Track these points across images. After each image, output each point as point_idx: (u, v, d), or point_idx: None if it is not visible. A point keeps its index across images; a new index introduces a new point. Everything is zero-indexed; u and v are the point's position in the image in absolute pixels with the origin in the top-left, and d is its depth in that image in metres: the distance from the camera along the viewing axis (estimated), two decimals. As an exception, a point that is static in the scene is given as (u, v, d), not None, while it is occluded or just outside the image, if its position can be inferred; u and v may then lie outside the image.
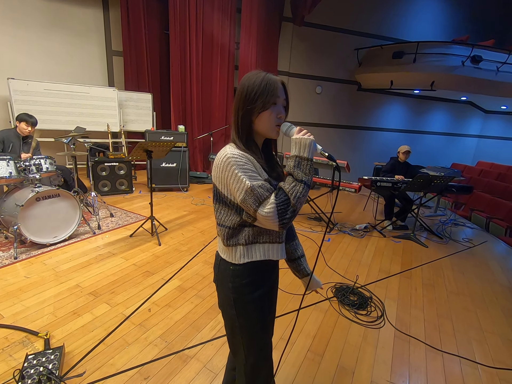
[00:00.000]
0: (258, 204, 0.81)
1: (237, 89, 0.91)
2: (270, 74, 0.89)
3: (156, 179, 4.63)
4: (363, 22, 6.95)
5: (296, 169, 0.83)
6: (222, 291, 1.00)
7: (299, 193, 0.81)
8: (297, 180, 0.82)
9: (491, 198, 4.93)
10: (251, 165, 0.85)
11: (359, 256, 3.13)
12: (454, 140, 9.16)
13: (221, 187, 0.89)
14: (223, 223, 0.93)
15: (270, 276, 1.02)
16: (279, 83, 0.89)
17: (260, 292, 0.96)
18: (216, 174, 0.88)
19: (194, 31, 5.58)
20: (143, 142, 2.81)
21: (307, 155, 0.84)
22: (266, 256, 0.94)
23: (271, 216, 0.79)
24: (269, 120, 0.88)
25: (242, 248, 0.92)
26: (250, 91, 0.87)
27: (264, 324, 1.00)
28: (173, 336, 1.79)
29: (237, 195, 0.84)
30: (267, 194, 0.82)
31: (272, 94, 0.86)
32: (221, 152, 0.87)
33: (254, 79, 0.87)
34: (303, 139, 0.84)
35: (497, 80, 6.22)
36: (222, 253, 0.98)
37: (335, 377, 1.61)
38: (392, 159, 4.19)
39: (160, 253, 2.80)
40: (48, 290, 2.13)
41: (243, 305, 0.96)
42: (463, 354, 1.87)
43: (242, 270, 0.93)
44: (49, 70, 5.17)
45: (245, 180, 0.81)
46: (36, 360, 1.46)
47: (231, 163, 0.83)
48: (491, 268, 3.16)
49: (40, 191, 2.56)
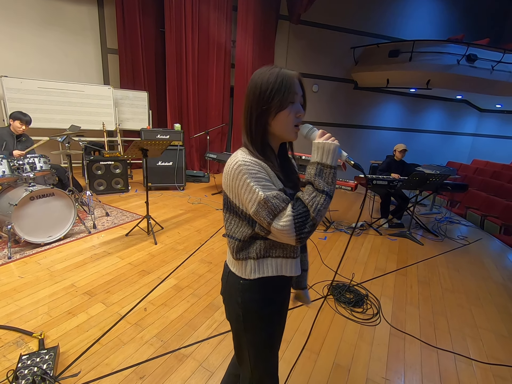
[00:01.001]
0: (272, 216, 0.73)
1: (249, 88, 0.82)
2: (285, 69, 0.81)
3: (152, 178, 4.61)
4: (359, 21, 6.96)
5: (317, 177, 0.75)
6: (230, 305, 0.94)
7: (319, 205, 0.73)
8: (318, 190, 0.74)
9: (486, 196, 4.97)
10: (264, 173, 0.77)
11: (355, 254, 3.14)
12: (450, 138, 9.22)
13: (231, 196, 0.82)
14: (233, 234, 0.86)
15: (281, 292, 0.95)
16: (296, 78, 0.81)
17: (270, 309, 0.91)
18: (226, 182, 0.81)
19: (190, 29, 5.55)
20: (138, 140, 2.79)
21: (330, 162, 0.76)
22: (279, 271, 0.87)
23: (287, 230, 0.72)
24: (287, 120, 0.80)
25: (253, 262, 0.86)
26: (265, 89, 0.78)
27: (272, 341, 0.95)
28: (169, 335, 1.79)
29: (249, 207, 0.76)
30: (283, 205, 0.74)
31: (290, 91, 0.78)
32: (232, 159, 0.80)
33: (268, 76, 0.79)
34: (327, 144, 0.76)
35: (492, 79, 6.26)
36: (231, 266, 0.92)
37: (331, 375, 1.62)
38: (388, 158, 4.21)
39: (156, 252, 2.78)
40: (42, 290, 2.11)
41: (252, 321, 0.90)
42: (458, 350, 1.89)
43: (252, 285, 0.87)
44: (43, 68, 5.11)
45: (258, 191, 0.74)
46: (30, 360, 1.45)
47: (243, 171, 0.75)
48: (485, 265, 3.19)
49: (34, 190, 2.54)
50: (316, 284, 2.49)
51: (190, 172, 5.63)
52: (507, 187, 5.48)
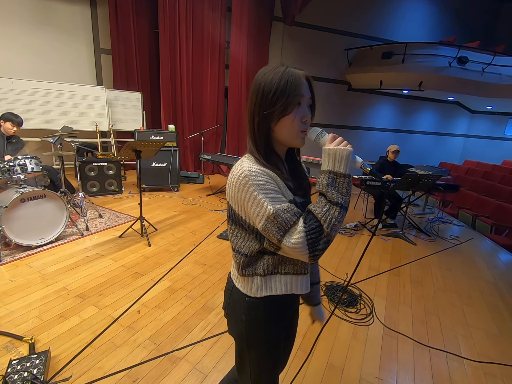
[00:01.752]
0: (283, 232, 0.67)
1: (251, 89, 0.75)
2: (292, 67, 0.73)
3: (146, 179, 4.58)
4: (353, 23, 7.02)
5: (330, 188, 0.67)
6: (234, 321, 0.89)
7: (334, 219, 0.66)
8: (332, 202, 0.67)
9: (477, 196, 5.05)
10: (273, 184, 0.70)
11: (349, 254, 3.16)
12: (442, 139, 9.35)
13: (237, 208, 0.75)
14: (239, 249, 0.80)
15: (289, 310, 0.90)
16: (303, 78, 0.73)
17: (276, 329, 0.86)
18: (231, 193, 0.74)
19: (184, 29, 5.53)
20: (131, 141, 2.77)
21: (343, 170, 0.68)
22: (288, 290, 0.81)
23: (299, 248, 0.66)
24: (293, 126, 0.73)
25: (259, 280, 0.79)
26: (267, 92, 0.71)
27: (275, 360, 0.91)
28: (163, 337, 1.78)
29: (257, 221, 0.70)
30: (294, 219, 0.67)
31: (296, 94, 0.70)
32: (237, 167, 0.72)
33: (271, 76, 0.71)
34: (339, 150, 0.69)
35: (482, 81, 6.36)
36: (236, 281, 0.86)
37: (324, 375, 1.63)
38: (381, 158, 4.25)
39: (150, 254, 2.77)
40: (33, 293, 2.08)
41: (256, 341, 0.85)
42: (450, 349, 1.91)
43: (258, 303, 0.81)
44: (35, 68, 5.04)
45: (266, 205, 0.67)
46: (20, 365, 1.43)
47: (249, 182, 0.68)
48: (477, 264, 3.24)
49: (25, 192, 2.50)
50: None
51: (185, 173, 5.60)
52: (498, 187, 5.57)
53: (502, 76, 6.44)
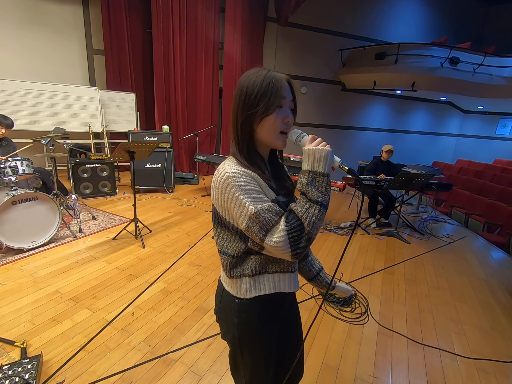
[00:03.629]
0: (265, 232, 0.69)
1: (235, 92, 0.78)
2: (274, 71, 0.76)
3: (140, 180, 4.55)
4: (346, 23, 7.07)
5: (309, 187, 0.70)
6: (226, 325, 0.89)
7: (314, 217, 0.68)
8: (312, 200, 0.69)
9: (469, 195, 5.12)
10: (255, 184, 0.72)
11: (344, 254, 3.17)
12: (435, 139, 9.46)
13: (221, 210, 0.77)
14: (225, 250, 0.81)
15: (280, 309, 0.90)
16: (285, 81, 0.76)
17: (269, 330, 0.86)
18: (214, 195, 0.76)
19: (177, 30, 5.51)
20: (125, 142, 2.75)
21: (322, 169, 0.70)
22: (276, 288, 0.83)
23: (281, 246, 0.68)
24: (274, 126, 0.75)
25: (248, 280, 0.81)
26: (250, 93, 0.74)
27: (269, 362, 0.89)
28: (157, 340, 1.76)
29: (240, 222, 0.72)
30: (276, 218, 0.69)
31: (277, 95, 0.73)
32: (219, 170, 0.75)
33: (254, 78, 0.74)
34: (318, 150, 0.70)
35: (474, 81, 6.45)
36: (226, 284, 0.87)
37: (319, 375, 1.63)
38: (375, 158, 4.28)
39: (144, 256, 2.75)
40: (25, 297, 2.05)
41: (249, 342, 0.86)
42: (443, 346, 1.94)
43: (249, 305, 0.82)
44: (26, 68, 4.98)
45: (248, 205, 0.69)
46: (12, 370, 1.41)
47: (231, 183, 0.70)
48: (469, 262, 3.28)
49: (16, 194, 2.47)
50: (306, 284, 2.51)
51: (179, 174, 5.58)
52: (490, 186, 5.65)
53: (493, 77, 6.54)
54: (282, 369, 0.97)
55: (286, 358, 0.97)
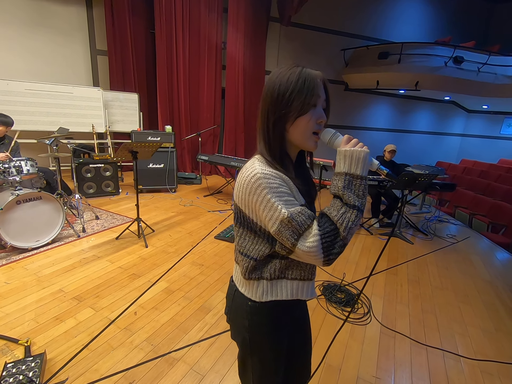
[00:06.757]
0: (297, 236, 0.65)
1: (266, 89, 0.73)
2: (308, 68, 0.72)
3: (143, 180, 4.57)
4: (349, 23, 7.05)
5: (346, 190, 0.66)
6: (236, 326, 0.88)
7: (350, 222, 0.64)
8: (348, 205, 0.66)
9: (474, 195, 5.07)
10: (286, 187, 0.69)
11: (347, 254, 3.16)
12: (439, 138, 9.39)
13: (247, 211, 0.73)
14: (248, 252, 0.77)
15: (294, 313, 0.88)
16: (319, 80, 0.72)
17: (280, 334, 0.84)
18: (241, 195, 0.72)
19: (180, 30, 5.53)
20: (128, 142, 2.77)
21: (360, 172, 0.67)
22: (294, 295, 0.80)
23: (314, 252, 0.64)
24: (307, 127, 0.71)
25: (265, 284, 0.77)
26: (284, 91, 0.69)
27: (278, 367, 0.87)
28: (160, 339, 1.77)
29: (270, 225, 0.68)
30: (309, 222, 0.66)
31: (312, 94, 0.70)
32: (248, 169, 0.70)
33: (288, 75, 0.70)
34: (356, 152, 0.67)
35: (478, 80, 6.40)
36: (240, 285, 0.84)
37: (321, 375, 1.63)
38: (378, 158, 4.26)
39: (147, 255, 2.76)
40: (29, 295, 2.07)
41: (259, 346, 0.84)
42: (446, 347, 1.92)
43: (262, 308, 0.80)
44: (30, 69, 5.02)
45: (280, 208, 0.65)
46: (16, 368, 1.42)
47: (262, 185, 0.66)
48: (473, 263, 3.25)
49: (20, 194, 2.49)
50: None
51: (182, 174, 5.60)
52: (494, 186, 5.60)
53: (497, 76, 6.48)
54: (289, 371, 0.95)
55: (294, 361, 0.96)
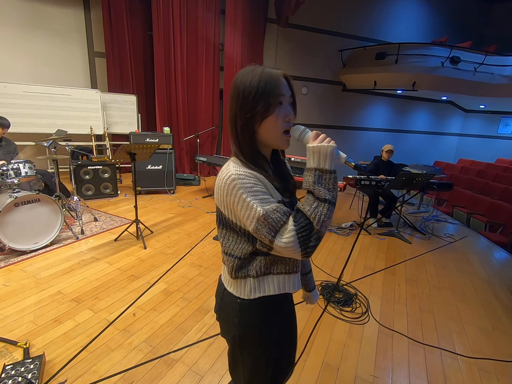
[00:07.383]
0: (274, 233, 0.68)
1: (232, 93, 0.75)
2: (268, 68, 0.73)
3: (141, 182, 4.57)
4: (346, 24, 7.08)
5: (317, 185, 0.68)
6: (226, 324, 0.89)
7: (323, 215, 0.67)
8: (320, 199, 0.68)
9: (471, 195, 5.10)
10: (261, 185, 0.71)
11: (345, 254, 3.17)
12: (436, 138, 9.43)
13: (227, 212, 0.75)
14: (231, 252, 0.79)
15: (282, 309, 0.90)
16: (282, 78, 0.73)
17: (269, 330, 0.86)
18: (219, 197, 0.74)
19: (178, 32, 5.54)
20: (126, 144, 2.77)
21: (329, 166, 0.69)
22: (281, 289, 0.82)
23: (291, 246, 0.67)
24: (276, 126, 0.73)
25: (252, 281, 0.80)
26: (247, 94, 0.71)
27: (269, 363, 0.89)
28: (158, 340, 1.77)
29: (248, 224, 0.71)
30: (284, 219, 0.68)
31: (276, 94, 0.70)
32: (224, 171, 0.73)
33: (250, 78, 0.71)
34: (323, 147, 0.68)
35: (475, 80, 6.43)
36: (228, 285, 0.86)
37: (320, 375, 1.63)
38: (375, 158, 4.28)
39: (146, 257, 2.76)
40: (28, 298, 2.07)
41: (249, 342, 0.85)
42: (444, 346, 1.93)
43: (251, 305, 0.82)
44: (28, 71, 5.02)
45: (255, 207, 0.68)
46: (15, 370, 1.42)
47: (237, 185, 0.69)
48: (471, 262, 3.27)
49: (18, 196, 2.49)
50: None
51: (181, 175, 5.60)
52: (492, 185, 5.63)
53: (494, 76, 6.51)
54: (276, 363, 0.96)
55: (282, 354, 0.97)
